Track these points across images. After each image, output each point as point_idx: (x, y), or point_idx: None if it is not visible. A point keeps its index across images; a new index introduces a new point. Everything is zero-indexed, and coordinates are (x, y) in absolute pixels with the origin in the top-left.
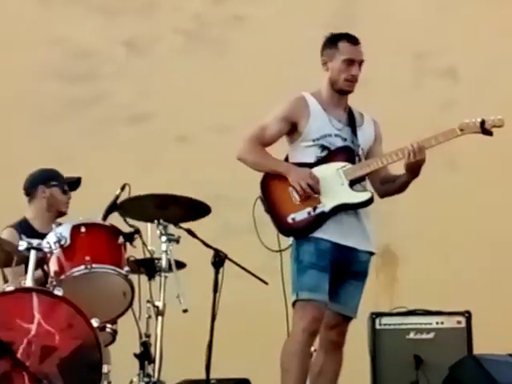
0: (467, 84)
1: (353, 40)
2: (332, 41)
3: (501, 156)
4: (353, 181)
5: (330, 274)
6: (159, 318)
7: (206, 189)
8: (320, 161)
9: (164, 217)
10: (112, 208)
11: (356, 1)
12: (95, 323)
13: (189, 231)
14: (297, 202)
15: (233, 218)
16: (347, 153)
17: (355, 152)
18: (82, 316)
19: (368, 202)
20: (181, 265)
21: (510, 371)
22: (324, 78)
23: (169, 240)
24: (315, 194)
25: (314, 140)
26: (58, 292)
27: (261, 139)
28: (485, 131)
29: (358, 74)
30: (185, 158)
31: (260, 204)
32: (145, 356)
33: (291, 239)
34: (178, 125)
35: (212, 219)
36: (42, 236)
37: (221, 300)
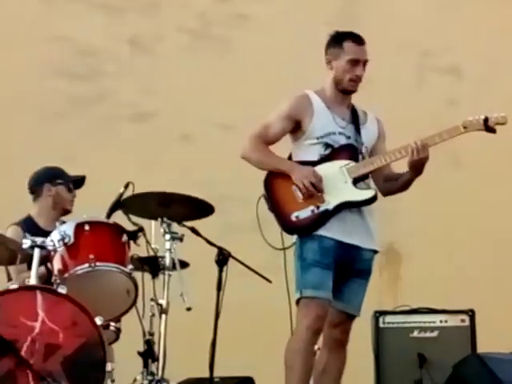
0: (470, 82)
1: (358, 40)
2: (337, 40)
3: (504, 153)
4: (356, 179)
5: (334, 272)
6: (163, 316)
7: (210, 187)
8: (323, 159)
9: (167, 215)
10: (116, 206)
11: (359, 0)
12: (99, 321)
13: (192, 229)
14: (300, 200)
15: (236, 217)
16: (351, 151)
17: (359, 150)
18: (86, 314)
19: (372, 200)
20: (184, 264)
21: None
22: (328, 77)
23: (172, 238)
24: (318, 193)
25: (318, 138)
26: (62, 290)
27: (264, 138)
28: (488, 128)
29: (363, 74)
30: (188, 157)
31: (263, 202)
32: (148, 354)
33: (295, 237)
34: (182, 123)
35: (215, 217)
36: (47, 233)
37: (224, 298)
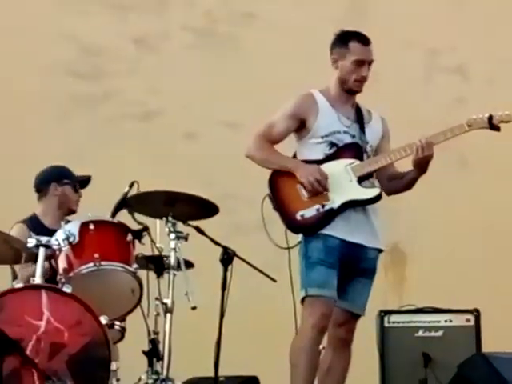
0: (477, 81)
1: (364, 40)
2: (343, 40)
3: (510, 152)
4: (361, 177)
5: (339, 271)
6: (168, 316)
7: (215, 186)
8: (328, 158)
9: (172, 214)
10: (121, 205)
11: None
12: (104, 320)
13: (197, 229)
14: (305, 199)
15: (241, 216)
16: (355, 149)
17: (363, 149)
18: (91, 313)
19: (377, 199)
20: (189, 264)
21: None
22: (333, 76)
23: (177, 237)
24: (323, 190)
25: (323, 137)
26: (67, 289)
27: (269, 137)
28: (492, 127)
29: (368, 75)
30: (193, 156)
31: (268, 202)
32: (153, 353)
33: (300, 236)
34: (187, 122)
35: (220, 217)
36: (52, 232)
37: (229, 297)
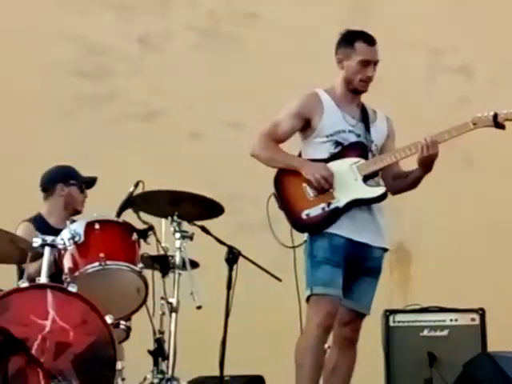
0: (480, 81)
1: (369, 40)
2: (348, 40)
3: None
4: (366, 176)
5: (344, 271)
6: (173, 315)
7: (219, 186)
8: (333, 156)
9: (177, 213)
10: (126, 205)
11: None
12: (109, 320)
13: (202, 228)
14: (311, 198)
15: (246, 216)
16: (360, 148)
17: (368, 148)
18: (97, 312)
19: (382, 197)
20: (194, 264)
21: None
22: (338, 76)
23: (182, 237)
24: (329, 187)
25: (328, 136)
26: (73, 288)
27: (274, 136)
28: (497, 125)
29: (374, 75)
30: (198, 155)
31: (274, 201)
32: (159, 353)
33: (305, 236)
34: (191, 122)
35: (225, 216)
36: (57, 231)
37: (234, 297)
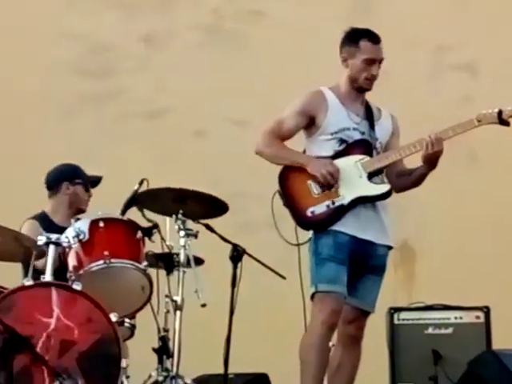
0: (485, 78)
1: (374, 38)
2: (353, 38)
3: None
4: (371, 173)
5: (348, 268)
6: (177, 313)
7: (224, 183)
8: (338, 154)
9: (182, 211)
10: (130, 203)
11: None
12: (114, 318)
13: (207, 226)
14: (315, 195)
15: (250, 214)
16: (365, 146)
17: (373, 145)
18: (101, 310)
19: (387, 195)
20: (199, 261)
21: None
22: (343, 74)
23: (187, 235)
24: (335, 183)
25: (333, 133)
26: (77, 286)
27: (278, 133)
28: (502, 121)
29: (378, 73)
30: (202, 153)
31: (278, 198)
32: (163, 350)
33: (310, 233)
34: (196, 120)
35: (230, 214)
36: (62, 229)
37: (239, 295)
